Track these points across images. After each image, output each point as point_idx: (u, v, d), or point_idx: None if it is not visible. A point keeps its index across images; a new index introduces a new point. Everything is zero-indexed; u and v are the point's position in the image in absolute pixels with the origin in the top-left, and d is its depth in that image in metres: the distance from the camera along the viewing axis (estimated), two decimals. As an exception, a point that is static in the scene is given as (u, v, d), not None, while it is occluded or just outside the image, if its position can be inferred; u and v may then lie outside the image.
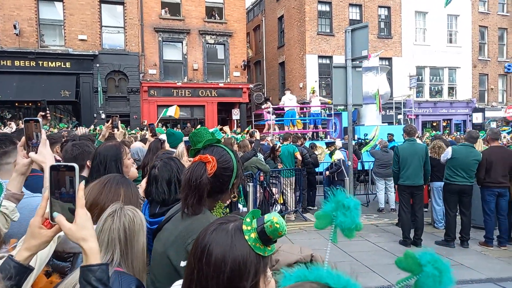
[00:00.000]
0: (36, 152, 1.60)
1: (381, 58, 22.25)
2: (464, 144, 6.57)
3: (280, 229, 0.90)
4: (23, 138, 1.63)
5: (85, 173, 2.62)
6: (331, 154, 9.56)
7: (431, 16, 23.87)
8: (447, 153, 6.51)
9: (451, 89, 24.98)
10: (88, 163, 2.64)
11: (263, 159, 8.12)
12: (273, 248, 0.93)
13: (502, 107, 25.39)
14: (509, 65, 26.32)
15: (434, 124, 24.54)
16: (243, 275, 0.88)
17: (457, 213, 6.65)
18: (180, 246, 1.42)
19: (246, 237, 0.91)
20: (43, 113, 2.61)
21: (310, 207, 9.64)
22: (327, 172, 9.52)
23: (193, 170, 1.49)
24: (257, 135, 8.78)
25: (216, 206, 1.57)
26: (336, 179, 9.25)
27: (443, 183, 6.79)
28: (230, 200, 1.67)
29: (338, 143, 10.16)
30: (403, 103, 18.15)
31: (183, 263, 1.37)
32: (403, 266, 0.74)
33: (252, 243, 0.91)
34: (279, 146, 8.90)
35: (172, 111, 12.95)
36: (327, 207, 0.83)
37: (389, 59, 22.88)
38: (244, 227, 0.93)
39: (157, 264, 1.51)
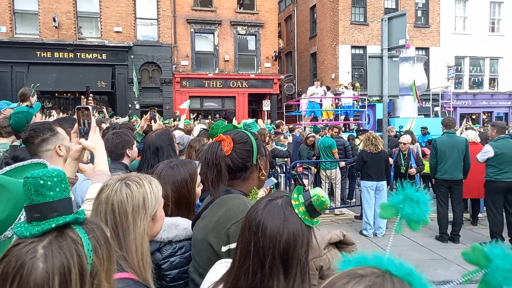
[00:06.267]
0: (86, 139, 1.67)
1: (417, 48, 21.49)
2: (501, 138, 6.12)
3: (326, 202, 1.01)
4: (76, 125, 1.68)
5: (126, 161, 2.66)
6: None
7: (472, 3, 22.72)
8: (488, 151, 6.05)
9: (493, 80, 23.78)
10: (128, 151, 2.68)
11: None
12: (318, 221, 1.04)
13: (548, 99, 23.95)
14: (556, 55, 24.72)
15: (474, 116, 23.46)
16: (297, 244, 0.99)
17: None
18: (221, 232, 1.44)
19: (296, 211, 1.01)
20: (86, 99, 2.64)
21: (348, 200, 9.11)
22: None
23: (208, 149, 1.57)
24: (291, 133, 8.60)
25: (251, 192, 1.60)
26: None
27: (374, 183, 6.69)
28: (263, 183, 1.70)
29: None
30: (441, 94, 17.48)
31: (224, 248, 1.41)
32: (470, 259, 0.71)
33: (302, 216, 1.01)
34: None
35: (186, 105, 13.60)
36: (394, 199, 0.81)
37: (426, 49, 22.00)
38: (293, 201, 1.02)
39: (199, 251, 1.53)
